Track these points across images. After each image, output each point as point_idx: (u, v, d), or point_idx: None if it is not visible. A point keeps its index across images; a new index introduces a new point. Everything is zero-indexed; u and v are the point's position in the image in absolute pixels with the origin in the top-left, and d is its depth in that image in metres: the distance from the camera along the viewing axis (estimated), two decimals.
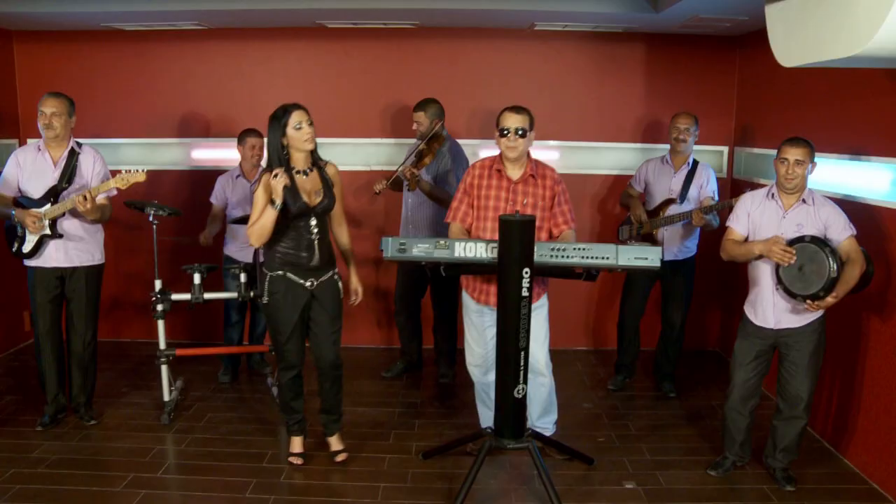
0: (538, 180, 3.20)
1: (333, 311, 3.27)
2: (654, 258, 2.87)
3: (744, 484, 3.31)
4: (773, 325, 3.17)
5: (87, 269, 3.71)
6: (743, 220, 3.23)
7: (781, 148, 3.10)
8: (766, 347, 3.23)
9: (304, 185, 3.16)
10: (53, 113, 3.56)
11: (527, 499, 3.20)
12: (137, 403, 4.16)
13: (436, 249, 2.85)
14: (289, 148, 3.13)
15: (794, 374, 3.16)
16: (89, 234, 3.71)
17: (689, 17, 4.05)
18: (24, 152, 3.65)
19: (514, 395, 3.02)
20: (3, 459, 3.44)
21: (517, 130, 3.11)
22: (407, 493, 3.20)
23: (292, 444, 3.45)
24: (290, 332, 3.22)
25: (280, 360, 3.31)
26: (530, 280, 2.82)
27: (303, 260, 3.15)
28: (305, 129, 3.09)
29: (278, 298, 3.19)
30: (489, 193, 3.19)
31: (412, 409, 4.12)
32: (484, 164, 3.25)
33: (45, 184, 3.59)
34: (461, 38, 4.79)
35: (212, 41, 4.86)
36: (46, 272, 3.65)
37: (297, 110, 3.10)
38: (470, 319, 3.32)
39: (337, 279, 3.29)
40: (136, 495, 3.15)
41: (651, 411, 4.11)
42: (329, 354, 3.31)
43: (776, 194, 3.17)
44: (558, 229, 3.20)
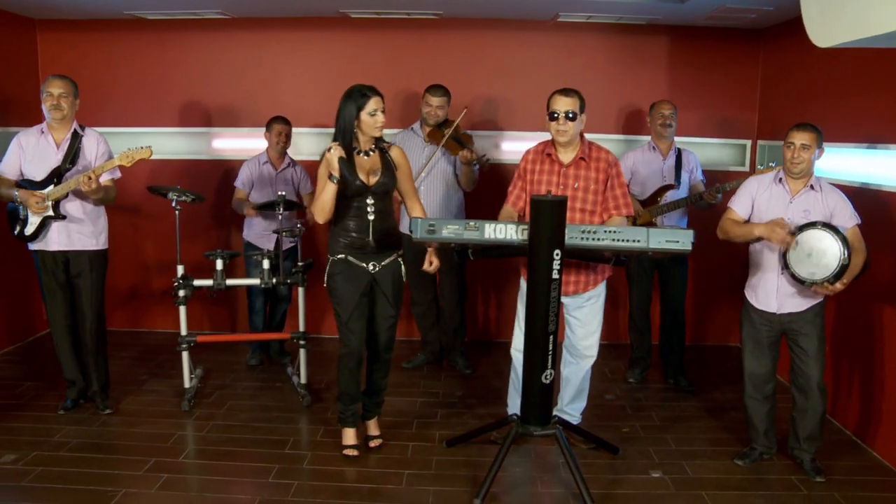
0: (590, 163, 3.16)
1: (394, 297, 3.27)
2: (685, 241, 2.83)
3: (771, 474, 3.26)
4: (775, 309, 3.15)
5: (90, 254, 3.68)
6: (745, 203, 3.22)
7: (789, 133, 3.10)
8: (773, 333, 3.21)
9: (363, 164, 3.15)
10: (61, 94, 3.55)
11: (553, 486, 3.16)
12: (157, 391, 4.15)
13: (465, 231, 2.83)
14: (357, 129, 3.12)
15: (805, 361, 3.15)
16: (91, 218, 3.67)
17: (717, 8, 4.03)
18: (26, 135, 3.63)
19: (541, 380, 2.99)
20: (25, 443, 3.43)
21: (567, 114, 3.08)
22: (431, 479, 3.17)
23: (345, 436, 3.40)
24: (349, 314, 3.19)
25: (343, 343, 3.27)
26: (560, 262, 2.79)
27: (363, 241, 3.15)
28: (379, 117, 3.09)
29: (338, 280, 3.19)
30: (541, 178, 3.17)
31: (434, 398, 4.09)
32: (537, 150, 3.24)
33: (48, 166, 3.58)
34: (483, 29, 4.78)
35: (233, 30, 4.87)
36: (50, 256, 3.64)
37: (375, 96, 3.09)
38: (523, 304, 3.26)
39: (400, 262, 3.27)
40: (158, 479, 3.14)
41: (674, 403, 4.07)
42: (384, 338, 3.31)
43: (783, 179, 3.16)
44: (607, 214, 3.16)
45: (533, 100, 4.83)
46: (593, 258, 3.11)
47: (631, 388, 4.30)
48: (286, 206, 3.87)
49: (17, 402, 3.94)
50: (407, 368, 4.51)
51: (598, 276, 3.26)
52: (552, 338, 2.93)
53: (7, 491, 3.00)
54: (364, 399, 3.47)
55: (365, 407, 3.49)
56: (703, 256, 4.52)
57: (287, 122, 4.35)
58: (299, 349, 4.01)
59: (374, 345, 3.35)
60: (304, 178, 4.49)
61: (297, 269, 3.88)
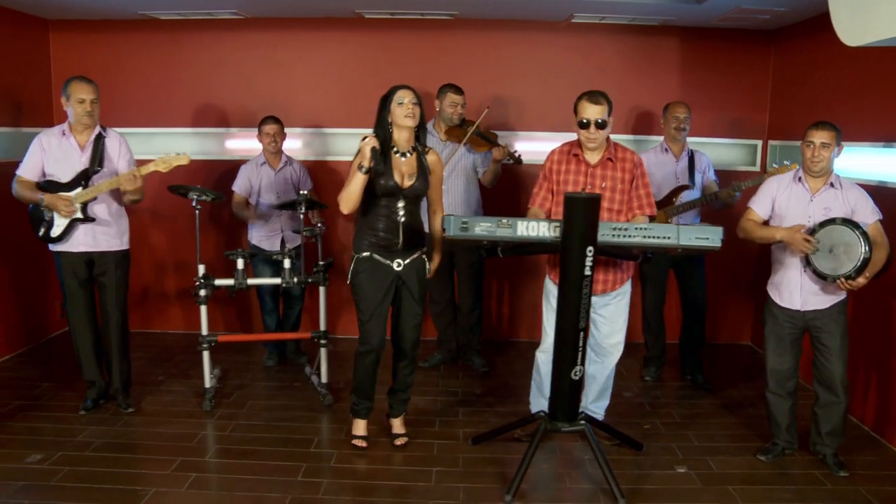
0: (616, 163, 3.19)
1: (419, 294, 3.29)
2: (714, 237, 2.87)
3: (795, 469, 3.30)
4: (799, 306, 3.19)
5: (114, 255, 3.69)
6: (766, 204, 3.25)
7: (808, 132, 3.13)
8: (795, 330, 3.25)
9: (399, 166, 3.16)
10: (93, 99, 3.56)
11: (581, 482, 3.19)
12: (175, 391, 4.14)
13: (498, 228, 2.85)
14: (392, 126, 3.14)
15: (828, 358, 3.18)
16: (115, 219, 3.69)
17: (732, 9, 4.08)
18: (47, 136, 3.61)
19: (571, 376, 3.02)
20: (49, 443, 3.42)
21: (598, 122, 3.11)
22: (460, 476, 3.18)
23: (356, 427, 3.44)
24: (371, 312, 3.21)
25: (361, 341, 3.29)
26: (593, 259, 2.82)
27: (389, 241, 3.16)
28: (407, 105, 3.09)
29: (362, 279, 3.20)
30: (567, 178, 3.20)
31: (454, 397, 4.10)
32: (562, 150, 3.26)
33: (74, 168, 3.57)
34: (496, 29, 4.81)
35: (247, 31, 4.87)
36: (74, 257, 3.63)
37: (403, 88, 3.13)
38: (549, 304, 3.29)
39: (425, 260, 3.30)
40: (186, 478, 3.13)
41: (692, 401, 4.10)
42: (411, 335, 3.33)
43: (803, 178, 3.19)
44: (632, 213, 3.20)
45: (546, 100, 4.89)
46: (622, 255, 3.13)
47: (647, 386, 4.34)
48: (308, 206, 3.87)
49: (36, 402, 3.92)
50: (424, 367, 4.52)
51: (624, 274, 3.29)
52: (582, 334, 2.96)
53: (37, 490, 2.99)
54: (390, 397, 3.50)
55: (391, 405, 3.51)
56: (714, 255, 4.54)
57: (277, 122, 4.34)
58: (320, 349, 4.01)
59: (401, 343, 3.36)
60: (304, 175, 4.51)
61: (319, 268, 3.88)
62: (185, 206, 4.78)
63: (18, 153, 4.58)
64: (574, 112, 3.22)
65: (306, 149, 4.99)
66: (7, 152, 4.51)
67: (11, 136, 4.58)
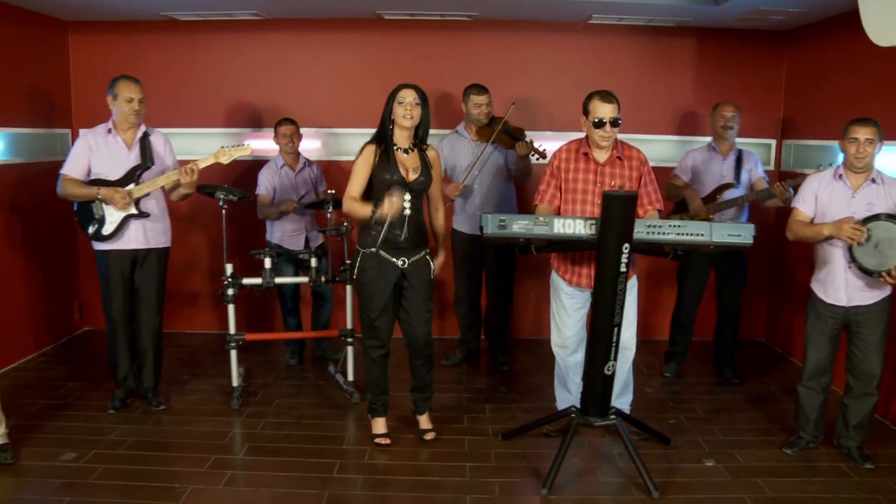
0: (624, 161, 3.25)
1: (425, 292, 3.31)
2: (746, 234, 2.93)
3: (821, 462, 3.36)
4: (845, 302, 3.23)
5: (158, 252, 3.73)
6: (810, 202, 3.30)
7: (850, 128, 3.16)
8: (837, 325, 3.30)
9: (403, 161, 3.22)
10: (141, 99, 3.60)
11: (613, 475, 3.24)
12: (201, 390, 4.16)
13: (535, 226, 2.89)
14: (393, 123, 3.19)
15: (865, 351, 3.23)
16: (163, 216, 3.74)
17: (749, 10, 4.14)
18: (93, 135, 3.64)
19: (604, 371, 3.07)
20: (82, 441, 3.44)
21: (612, 121, 3.16)
22: (493, 472, 3.22)
23: (376, 426, 3.48)
24: (380, 309, 3.25)
25: (369, 337, 3.33)
26: (629, 256, 2.87)
27: (395, 236, 3.19)
28: (406, 105, 3.15)
29: (370, 275, 3.23)
30: (577, 176, 3.24)
31: (479, 394, 4.15)
32: (570, 148, 3.31)
33: (122, 166, 3.60)
34: (514, 30, 4.86)
35: (267, 32, 4.90)
36: (122, 254, 3.65)
37: (407, 88, 3.18)
38: (560, 301, 3.35)
39: (429, 259, 3.33)
40: (222, 475, 3.16)
41: (713, 396, 4.16)
42: (421, 334, 3.35)
43: (844, 175, 3.23)
44: (643, 209, 3.25)
45: (563, 100, 4.94)
46: (654, 252, 3.19)
47: (668, 382, 4.39)
48: (335, 205, 3.90)
49: (64, 401, 3.93)
50: (446, 365, 4.57)
51: (632, 269, 3.32)
52: (617, 330, 3.01)
53: (76, 488, 3.00)
54: (413, 395, 3.54)
55: (415, 402, 3.55)
56: None
57: (293, 122, 4.37)
58: (346, 346, 4.05)
59: (415, 342, 3.38)
60: (320, 176, 4.55)
61: (346, 266, 3.91)
62: (202, 205, 4.82)
63: (38, 154, 4.63)
64: (584, 112, 3.26)
65: (324, 149, 5.02)
66: (27, 153, 4.52)
67: (31, 137, 4.58)
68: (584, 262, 3.24)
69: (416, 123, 3.21)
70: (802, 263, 4.68)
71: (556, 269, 3.37)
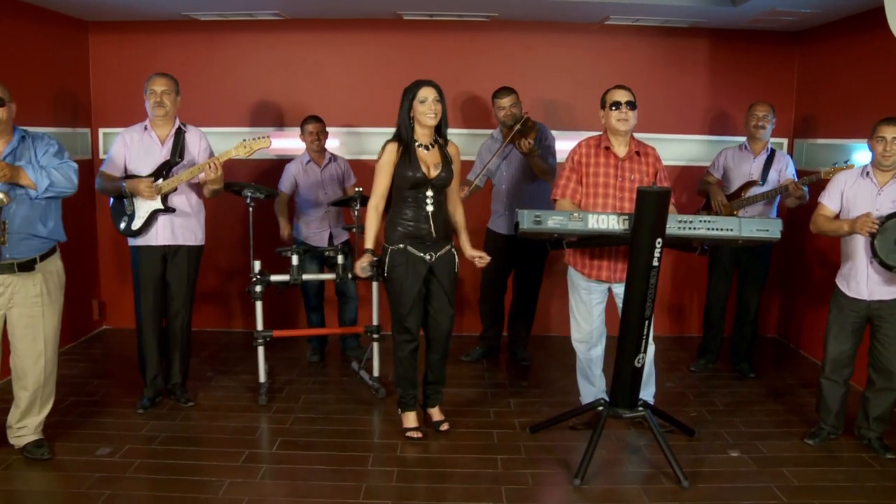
0: (642, 157, 3.34)
1: (449, 286, 3.38)
2: (774, 229, 3.01)
3: (843, 452, 3.43)
4: (866, 296, 3.31)
5: (188, 249, 3.75)
6: (836, 198, 3.38)
7: (878, 128, 3.24)
8: (859, 319, 3.37)
9: (424, 158, 3.28)
10: (164, 91, 3.62)
11: (642, 466, 3.31)
12: (227, 386, 4.20)
13: (570, 222, 2.96)
14: (414, 121, 3.24)
15: (887, 346, 3.30)
16: (194, 212, 3.76)
17: (765, 11, 4.22)
18: (130, 133, 3.70)
19: (634, 364, 3.14)
20: (114, 437, 3.47)
21: (628, 103, 3.25)
22: (524, 463, 3.28)
23: (406, 420, 3.53)
24: (411, 304, 3.31)
25: (399, 331, 3.39)
26: (661, 250, 2.94)
27: (421, 231, 3.25)
28: (429, 104, 3.21)
29: (400, 272, 3.29)
30: (598, 171, 3.31)
31: (502, 388, 4.21)
32: (590, 143, 3.38)
33: (154, 161, 3.64)
34: (531, 31, 4.93)
35: (286, 31, 4.95)
36: (152, 251, 3.69)
37: (426, 86, 3.23)
38: (578, 296, 3.42)
39: (454, 253, 3.39)
40: (257, 469, 3.21)
41: (731, 390, 4.24)
42: (445, 326, 3.42)
43: (871, 172, 3.32)
44: None
45: (579, 100, 5.02)
46: (682, 247, 3.26)
47: (685, 376, 4.46)
48: (362, 202, 3.95)
49: (92, 398, 3.97)
50: (466, 361, 4.63)
51: None
52: (647, 323, 3.08)
53: (116, 482, 3.04)
54: (426, 388, 3.60)
55: (426, 395, 3.61)
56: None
57: (319, 120, 4.43)
58: (372, 342, 4.10)
59: (437, 335, 3.46)
60: (347, 170, 4.60)
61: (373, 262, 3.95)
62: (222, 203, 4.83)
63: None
64: (601, 105, 3.37)
65: (343, 147, 5.06)
66: None
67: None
68: (602, 255, 3.30)
69: (440, 119, 3.28)
70: (814, 261, 4.79)
71: (572, 264, 3.43)
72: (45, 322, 3.17)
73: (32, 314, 3.12)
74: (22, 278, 3.06)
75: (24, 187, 2.98)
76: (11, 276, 3.03)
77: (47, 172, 3.03)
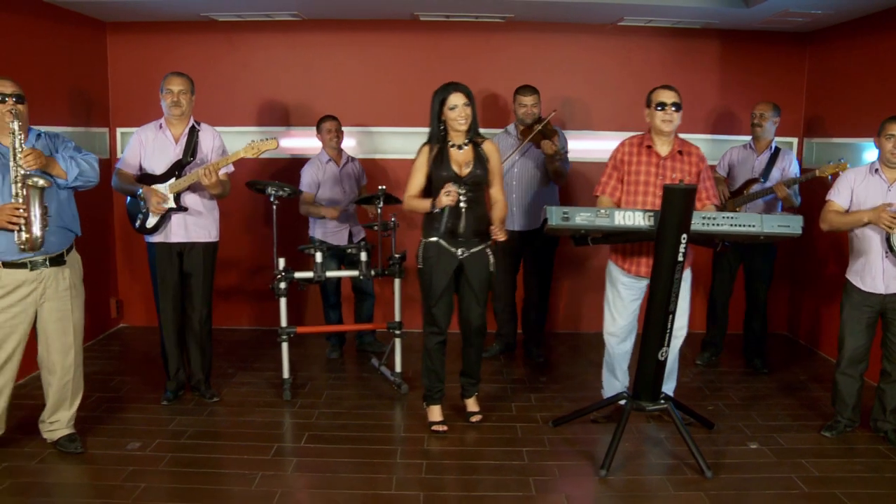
0: (685, 157, 3.39)
1: (480, 284, 3.44)
2: (795, 225, 3.08)
3: (859, 444, 3.50)
4: (882, 290, 3.38)
5: (204, 246, 3.80)
6: (845, 194, 3.45)
7: (886, 126, 3.32)
8: (873, 313, 3.45)
9: (456, 157, 3.36)
10: (181, 91, 3.67)
11: (664, 458, 3.37)
12: (249, 382, 4.25)
13: (597, 218, 3.02)
14: (445, 124, 3.33)
15: None
16: (207, 210, 3.80)
17: (779, 12, 4.30)
18: (145, 131, 3.74)
19: (657, 357, 3.20)
20: (143, 432, 3.52)
21: (673, 105, 3.31)
22: (549, 455, 3.35)
23: (432, 413, 3.59)
24: (439, 296, 3.39)
25: (428, 323, 3.47)
26: (686, 246, 3.01)
27: (454, 227, 3.31)
28: (459, 110, 3.29)
29: (431, 264, 3.37)
30: (639, 169, 3.37)
31: (522, 384, 4.27)
32: (633, 142, 3.44)
33: (168, 160, 3.69)
34: (546, 31, 5.00)
35: (303, 32, 5.00)
36: (168, 248, 3.73)
37: (455, 92, 3.29)
38: (617, 291, 3.48)
39: (489, 253, 3.44)
40: (288, 462, 3.26)
41: (746, 384, 4.31)
42: (476, 321, 3.49)
43: (879, 170, 3.39)
44: (700, 203, 3.38)
45: (593, 99, 5.09)
46: (703, 243, 3.32)
47: (701, 371, 4.54)
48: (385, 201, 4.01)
49: (117, 394, 4.01)
50: (484, 357, 4.66)
51: (687, 261, 3.46)
52: (671, 317, 3.14)
53: (149, 475, 3.09)
54: (462, 379, 3.68)
55: (463, 386, 3.69)
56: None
57: (335, 119, 4.48)
58: (394, 339, 4.15)
59: (466, 329, 3.54)
60: (361, 172, 4.67)
61: (395, 260, 4.02)
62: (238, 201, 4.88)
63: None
64: (647, 104, 3.42)
65: (358, 147, 5.12)
66: None
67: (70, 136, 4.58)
68: (643, 252, 3.37)
69: (470, 122, 3.35)
70: (823, 258, 4.87)
71: (613, 259, 3.50)
72: (74, 314, 3.22)
73: (63, 307, 3.17)
74: (53, 272, 3.11)
75: (54, 177, 3.01)
76: (45, 271, 3.07)
77: (76, 162, 3.08)
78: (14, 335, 3.09)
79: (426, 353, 3.53)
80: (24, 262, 3.01)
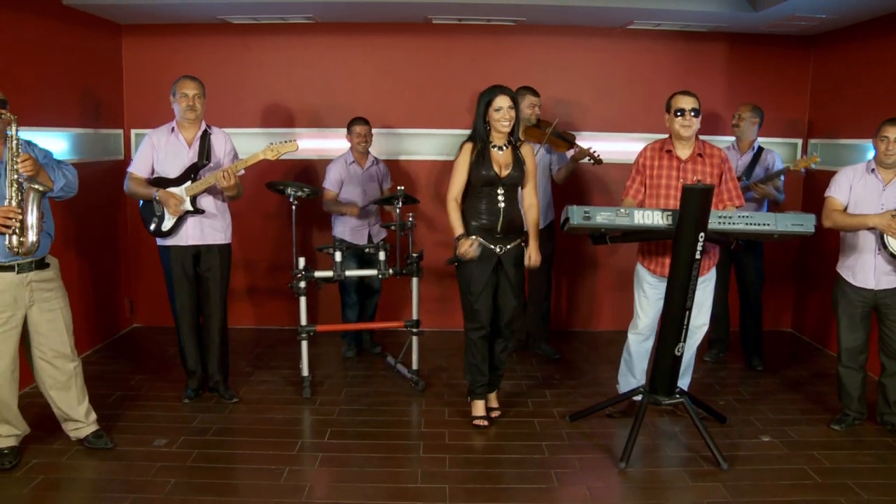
0: (706, 159, 3.47)
1: (516, 278, 3.56)
2: (808, 224, 3.17)
3: (868, 437, 3.60)
4: (873, 286, 3.49)
5: (219, 248, 3.84)
6: (844, 191, 3.54)
7: (882, 127, 3.43)
8: (866, 307, 3.56)
9: (497, 158, 3.47)
10: (196, 95, 3.70)
11: (680, 451, 3.46)
12: (267, 381, 4.30)
13: (617, 217, 3.11)
14: (489, 125, 3.44)
15: None
16: (221, 213, 3.84)
17: (786, 16, 4.40)
18: (157, 134, 3.78)
19: (674, 353, 3.29)
20: (167, 429, 3.57)
21: (692, 111, 3.39)
22: (568, 449, 3.43)
23: (476, 408, 3.68)
24: (479, 291, 3.48)
25: (470, 319, 3.55)
26: (703, 244, 3.09)
27: (493, 225, 3.43)
28: (504, 112, 3.40)
29: (472, 260, 3.45)
30: (661, 173, 3.46)
31: (536, 381, 4.35)
32: (654, 147, 3.53)
33: (182, 163, 3.73)
34: (556, 35, 5.08)
35: (317, 35, 5.06)
36: (183, 250, 3.77)
37: (501, 94, 3.40)
38: (643, 290, 3.57)
39: (523, 247, 3.55)
40: (314, 458, 3.33)
41: (755, 380, 4.40)
42: (508, 316, 3.60)
43: (875, 169, 3.50)
44: (723, 205, 3.47)
45: (602, 102, 5.18)
46: (718, 241, 3.41)
47: (711, 368, 4.62)
48: (404, 201, 4.08)
49: (137, 392, 4.06)
50: None
51: (712, 261, 3.56)
52: (688, 313, 3.23)
53: (177, 471, 3.14)
54: (490, 374, 3.73)
55: (490, 380, 3.75)
56: None
57: (366, 123, 4.56)
58: (412, 337, 4.22)
59: (498, 322, 3.63)
60: (386, 174, 4.73)
61: (413, 259, 4.09)
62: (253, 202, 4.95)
63: (91, 154, 4.74)
64: (666, 109, 3.50)
65: (373, 148, 5.18)
66: (80, 153, 4.60)
67: (84, 137, 4.68)
68: (667, 252, 3.45)
69: (514, 124, 3.47)
70: (828, 254, 4.97)
71: (640, 261, 3.60)
72: (63, 312, 3.21)
73: (53, 307, 3.16)
74: (38, 275, 3.09)
75: (40, 184, 2.98)
76: (29, 274, 3.06)
77: (63, 172, 3.11)
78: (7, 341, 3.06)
79: (469, 348, 3.61)
80: (11, 265, 3.02)
